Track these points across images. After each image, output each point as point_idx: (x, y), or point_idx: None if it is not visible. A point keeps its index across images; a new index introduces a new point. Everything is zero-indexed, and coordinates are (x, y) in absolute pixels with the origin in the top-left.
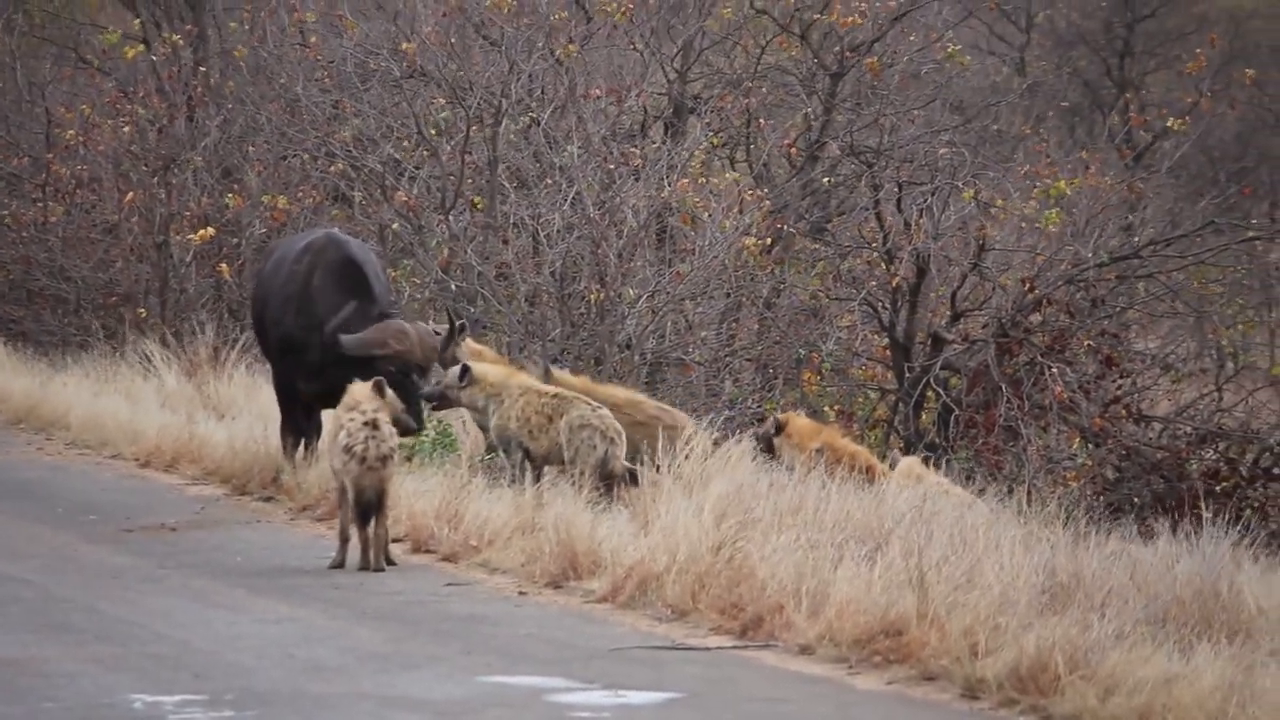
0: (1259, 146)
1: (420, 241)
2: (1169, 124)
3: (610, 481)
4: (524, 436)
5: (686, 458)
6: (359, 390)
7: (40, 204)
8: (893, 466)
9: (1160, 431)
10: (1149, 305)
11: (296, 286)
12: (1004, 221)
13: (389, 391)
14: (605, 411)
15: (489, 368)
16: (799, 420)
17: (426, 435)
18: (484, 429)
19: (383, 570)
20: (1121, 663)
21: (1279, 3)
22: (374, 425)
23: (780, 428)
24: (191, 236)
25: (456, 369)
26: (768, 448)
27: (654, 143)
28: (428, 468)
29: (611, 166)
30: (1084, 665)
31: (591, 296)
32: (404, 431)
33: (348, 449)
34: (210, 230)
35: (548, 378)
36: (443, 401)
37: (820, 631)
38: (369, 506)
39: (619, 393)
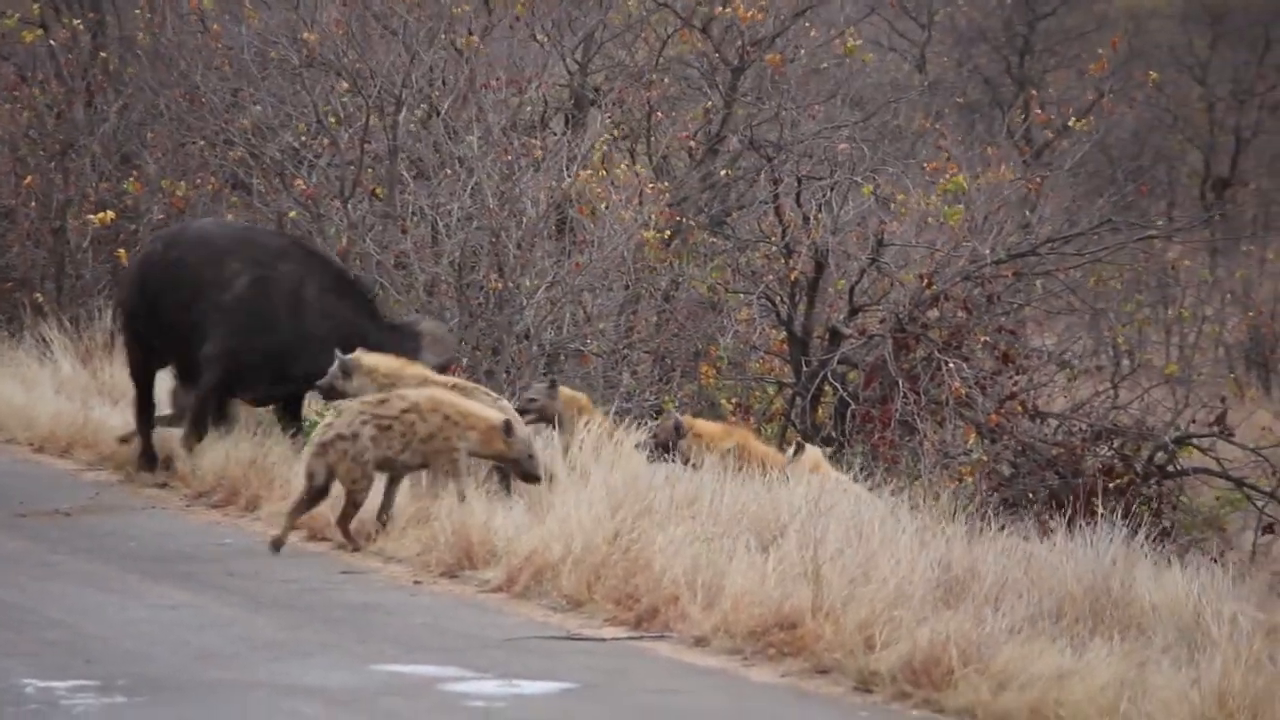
0: (1156, 145)
1: (319, 230)
2: (1071, 123)
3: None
4: None
5: None
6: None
7: None
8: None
9: (1056, 428)
10: (1046, 302)
11: (287, 296)
12: (903, 217)
13: (521, 431)
14: (505, 403)
15: (380, 358)
16: (703, 423)
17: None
18: None
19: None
20: (1015, 658)
21: (1178, 3)
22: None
23: (680, 430)
24: (91, 218)
25: (350, 357)
26: (666, 449)
27: (554, 134)
28: None
29: (511, 158)
30: (977, 659)
31: (490, 287)
32: (525, 477)
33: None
34: (110, 214)
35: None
36: (330, 393)
37: (715, 623)
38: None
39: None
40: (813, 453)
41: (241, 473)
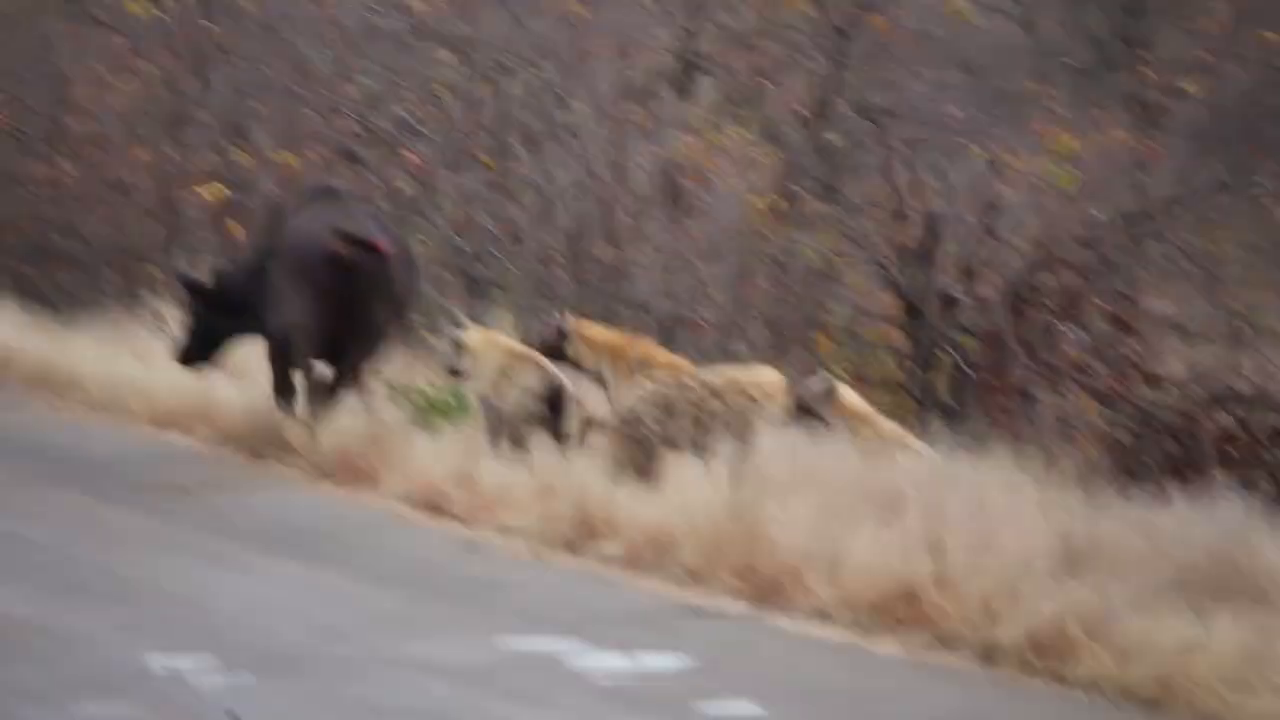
0: (1270, 106)
1: (430, 201)
2: (1183, 85)
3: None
4: (490, 395)
5: None
6: None
7: (52, 162)
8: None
9: (1175, 395)
10: (1162, 266)
11: None
12: (1016, 181)
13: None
14: (554, 370)
15: (475, 334)
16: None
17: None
18: None
19: None
20: (1139, 629)
21: None
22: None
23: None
24: (201, 192)
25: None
26: (810, 413)
27: (663, 101)
28: (444, 430)
29: (620, 126)
30: (1101, 631)
31: (602, 256)
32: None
33: None
34: (220, 187)
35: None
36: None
37: (837, 596)
38: None
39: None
40: (849, 395)
41: (361, 448)
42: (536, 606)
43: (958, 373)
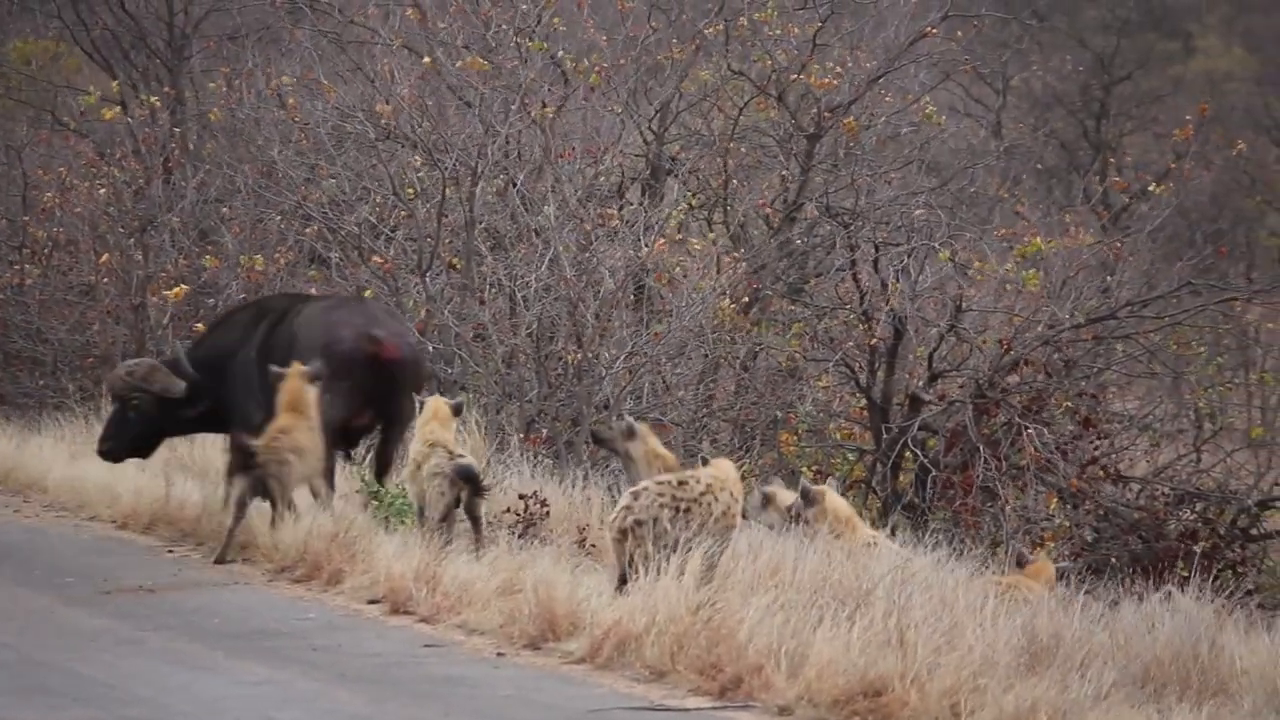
0: (1234, 208)
1: (397, 303)
2: (1150, 188)
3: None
4: (408, 481)
5: None
6: None
7: (16, 266)
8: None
9: (1138, 492)
10: (1126, 366)
11: None
12: (981, 282)
13: None
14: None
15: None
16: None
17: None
18: None
19: None
20: None
21: (1254, 66)
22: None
23: (810, 498)
24: (166, 294)
25: None
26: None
27: (631, 204)
28: (406, 527)
29: (588, 228)
30: None
31: (568, 357)
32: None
33: None
34: (183, 288)
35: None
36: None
37: (799, 692)
38: None
39: None
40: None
41: (324, 547)
42: (499, 705)
43: (922, 471)
